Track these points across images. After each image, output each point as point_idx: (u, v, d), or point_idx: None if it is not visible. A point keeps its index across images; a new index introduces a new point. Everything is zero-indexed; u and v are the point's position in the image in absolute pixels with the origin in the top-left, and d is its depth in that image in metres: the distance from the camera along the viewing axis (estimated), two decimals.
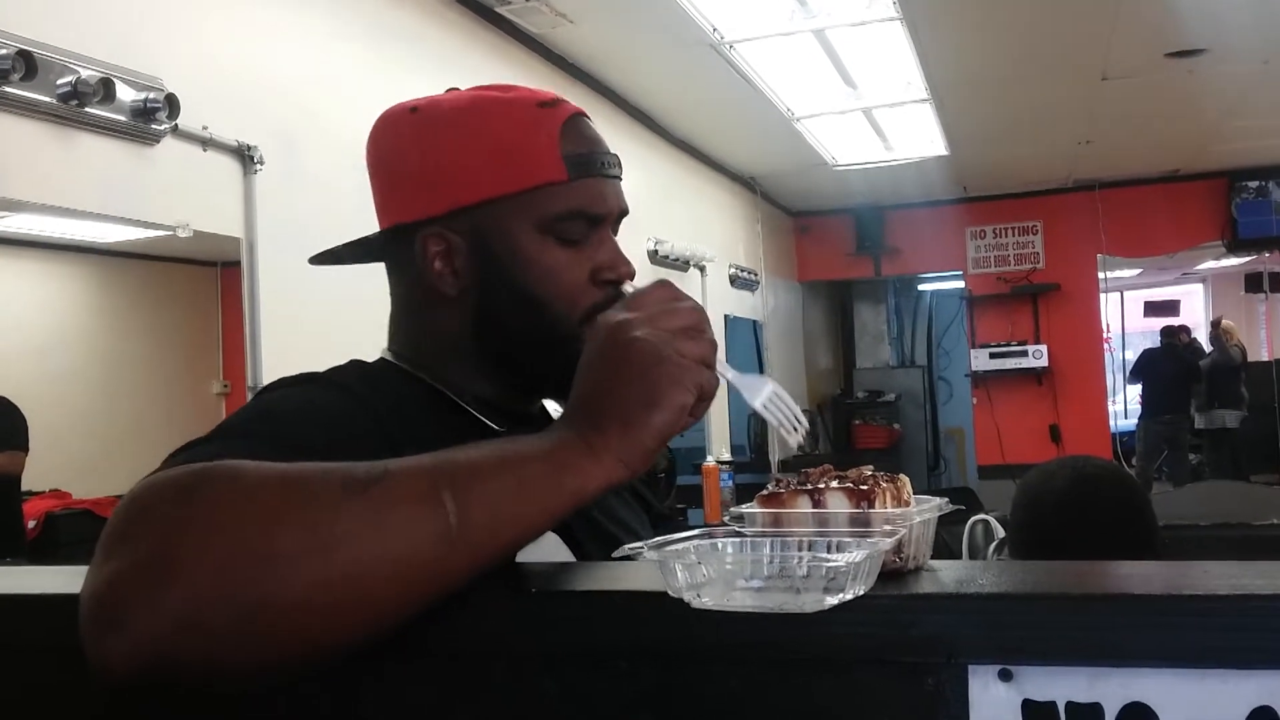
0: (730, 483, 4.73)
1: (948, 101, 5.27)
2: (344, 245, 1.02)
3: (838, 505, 0.73)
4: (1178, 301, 11.78)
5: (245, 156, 2.58)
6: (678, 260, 5.50)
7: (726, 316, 6.38)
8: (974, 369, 7.83)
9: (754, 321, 7.05)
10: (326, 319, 2.68)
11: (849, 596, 0.62)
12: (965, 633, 0.63)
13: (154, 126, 2.31)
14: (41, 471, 3.16)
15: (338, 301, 2.63)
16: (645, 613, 0.68)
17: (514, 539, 0.69)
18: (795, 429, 0.83)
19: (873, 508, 0.72)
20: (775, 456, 7.10)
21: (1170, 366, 8.59)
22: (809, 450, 7.69)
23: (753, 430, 6.95)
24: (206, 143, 2.48)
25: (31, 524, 3.25)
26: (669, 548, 0.68)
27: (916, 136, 5.93)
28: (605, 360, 0.74)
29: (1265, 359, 9.55)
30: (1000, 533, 4.71)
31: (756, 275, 6.94)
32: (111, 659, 0.59)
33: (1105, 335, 8.00)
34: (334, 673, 0.68)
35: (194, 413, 3.62)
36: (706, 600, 0.64)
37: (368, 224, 0.99)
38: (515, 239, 0.93)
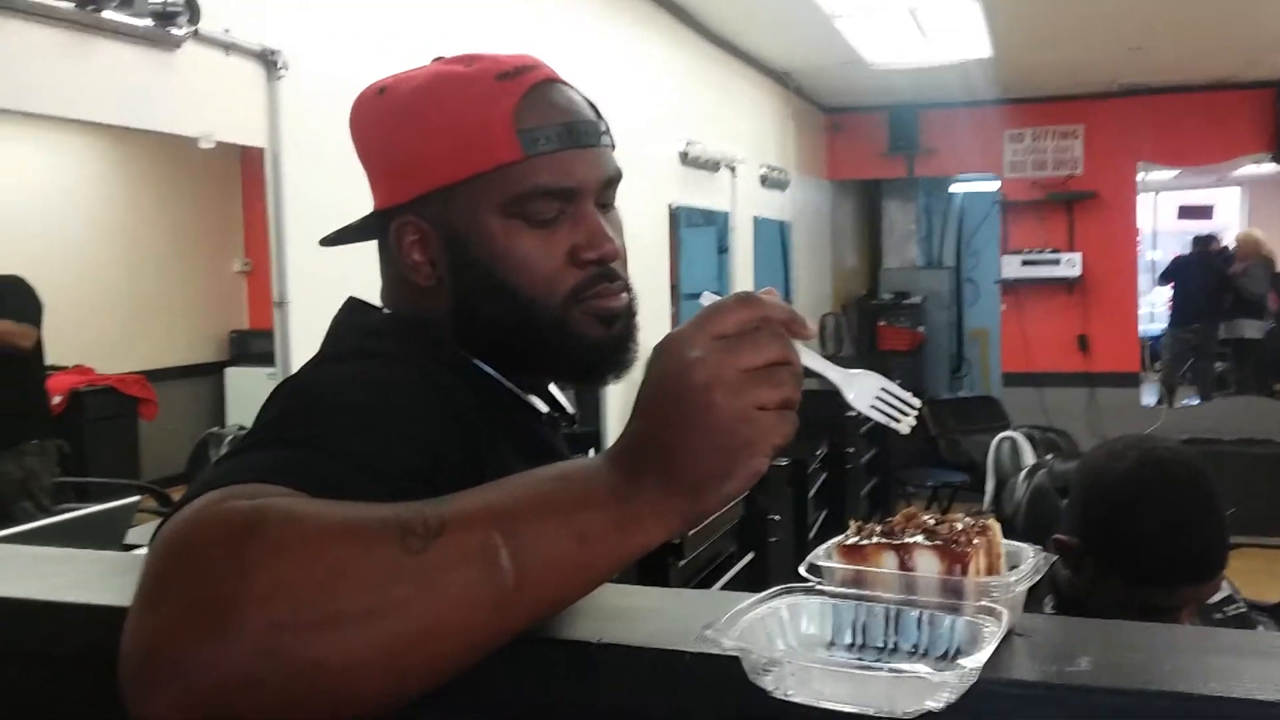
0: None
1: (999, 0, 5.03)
2: (349, 226, 0.98)
3: (928, 567, 0.68)
4: (1212, 206, 11.55)
5: (269, 62, 2.47)
6: (708, 162, 5.36)
7: (755, 218, 6.25)
8: (1004, 276, 7.70)
9: (782, 223, 6.92)
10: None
11: (954, 699, 0.57)
12: None
13: (174, 31, 2.20)
14: (65, 347, 3.16)
15: (358, 215, 2.56)
16: (718, 681, 0.63)
17: (572, 597, 0.67)
18: (907, 415, 0.75)
19: (966, 573, 0.67)
20: None
21: (1201, 275, 8.46)
22: (834, 352, 7.65)
23: None
24: (229, 48, 2.37)
25: (57, 400, 3.27)
26: (747, 619, 0.63)
27: (960, 36, 5.68)
28: (675, 409, 0.65)
29: None
30: (1028, 452, 4.69)
31: (786, 174, 6.78)
32: (158, 709, 0.56)
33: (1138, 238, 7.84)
34: None
35: (216, 289, 3.60)
36: (792, 693, 0.59)
37: None
38: (481, 226, 0.87)
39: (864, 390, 0.75)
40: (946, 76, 6.55)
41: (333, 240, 1.01)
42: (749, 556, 3.78)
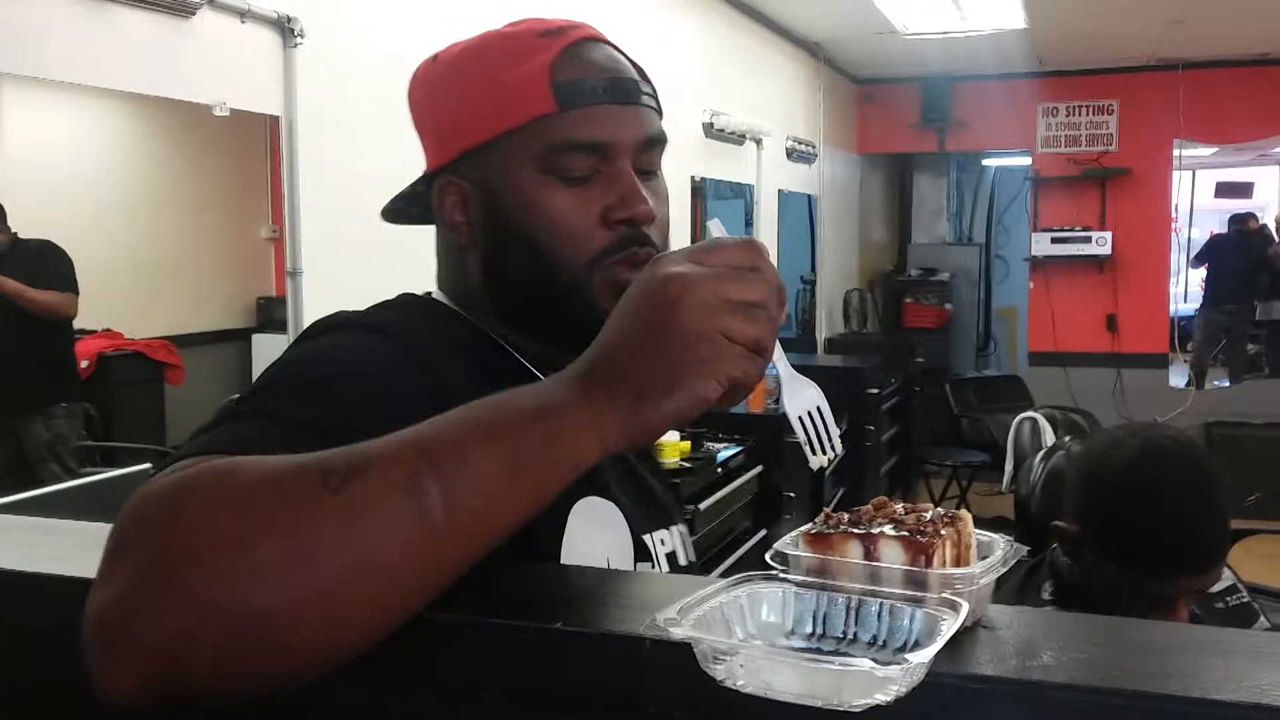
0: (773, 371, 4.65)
1: None
2: (402, 194, 0.98)
3: (893, 557, 0.67)
4: (1251, 184, 11.34)
5: (285, 29, 2.47)
6: (734, 134, 5.31)
7: (780, 191, 6.20)
8: (1034, 253, 7.60)
9: (809, 196, 6.86)
10: (369, 202, 2.61)
11: (903, 692, 0.56)
12: None
13: None
14: (94, 311, 3.19)
15: (380, 185, 2.56)
16: (674, 668, 0.63)
17: (508, 521, 0.64)
18: (823, 451, 0.76)
19: (931, 564, 0.66)
20: (822, 334, 7.02)
21: (1237, 255, 8.32)
22: (857, 328, 7.60)
23: (800, 305, 6.86)
24: (244, 14, 2.37)
25: (85, 364, 3.31)
26: (705, 608, 0.62)
27: (995, 5, 5.60)
28: (641, 312, 0.66)
29: None
30: (1048, 433, 4.64)
31: (814, 147, 6.71)
32: (115, 679, 0.57)
33: (1173, 216, 7.71)
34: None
35: (243, 256, 3.62)
36: (742, 683, 0.58)
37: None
38: (515, 181, 0.87)
39: (801, 399, 0.76)
40: (980, 47, 6.45)
41: (390, 214, 1.01)
42: (762, 533, 3.78)
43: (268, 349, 3.43)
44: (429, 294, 0.98)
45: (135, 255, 3.48)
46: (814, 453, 0.77)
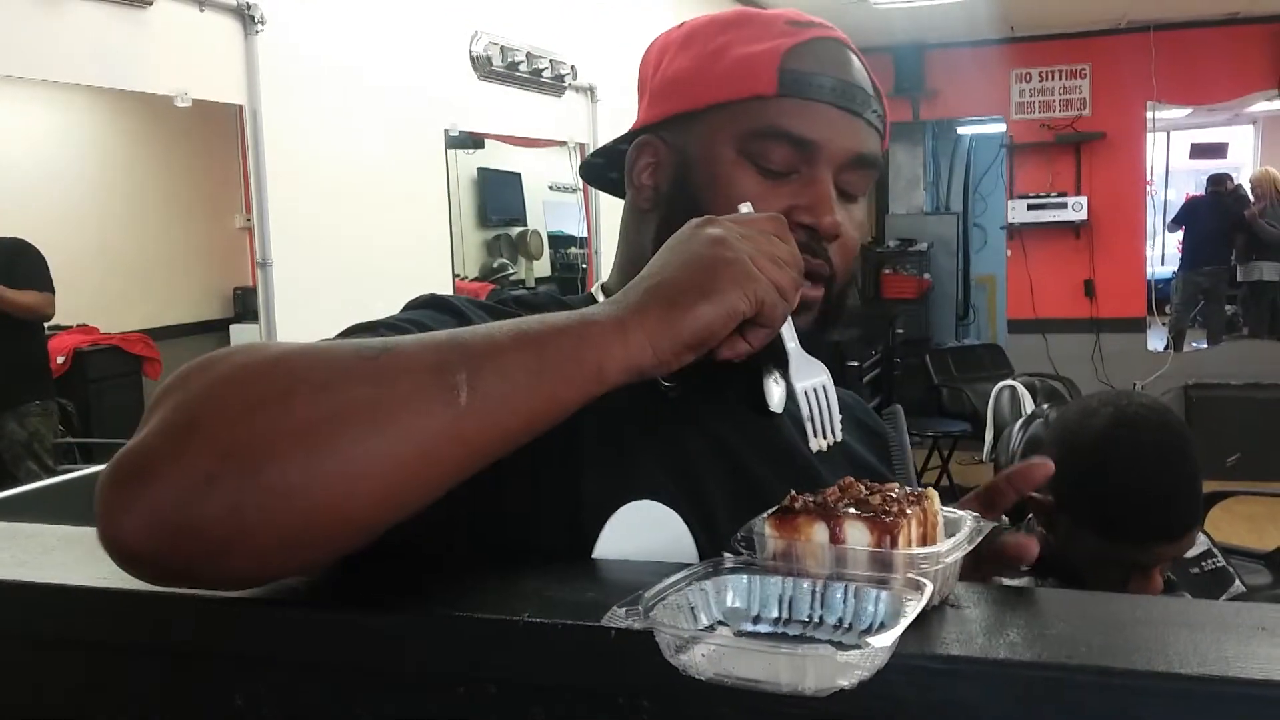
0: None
1: None
2: (598, 152, 0.98)
3: (858, 538, 0.66)
4: (1225, 144, 11.38)
5: (245, 16, 2.43)
6: None
7: None
8: (1011, 221, 7.62)
9: None
10: (339, 191, 2.59)
11: (866, 676, 0.56)
12: (993, 706, 0.58)
13: None
14: (68, 307, 3.17)
15: (341, 173, 2.54)
16: (640, 658, 0.62)
17: (532, 413, 0.65)
18: (824, 435, 0.76)
19: (896, 544, 0.66)
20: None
21: (1213, 217, 8.35)
22: None
23: None
24: (203, 3, 2.34)
25: (60, 359, 3.29)
26: (670, 596, 0.61)
27: None
28: (677, 246, 0.71)
29: None
30: (1027, 401, 4.66)
31: None
32: (125, 522, 0.57)
33: (1148, 179, 7.72)
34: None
35: (218, 246, 3.59)
36: (706, 672, 0.58)
37: (380, 89, 0.94)
38: (713, 155, 0.85)
39: (808, 377, 0.78)
40: (951, 14, 6.44)
41: (587, 170, 1.00)
42: None
43: (246, 339, 3.41)
44: (588, 292, 0.97)
45: (109, 249, 3.45)
46: (814, 434, 0.78)
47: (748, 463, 0.90)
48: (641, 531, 0.81)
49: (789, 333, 0.77)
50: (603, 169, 0.98)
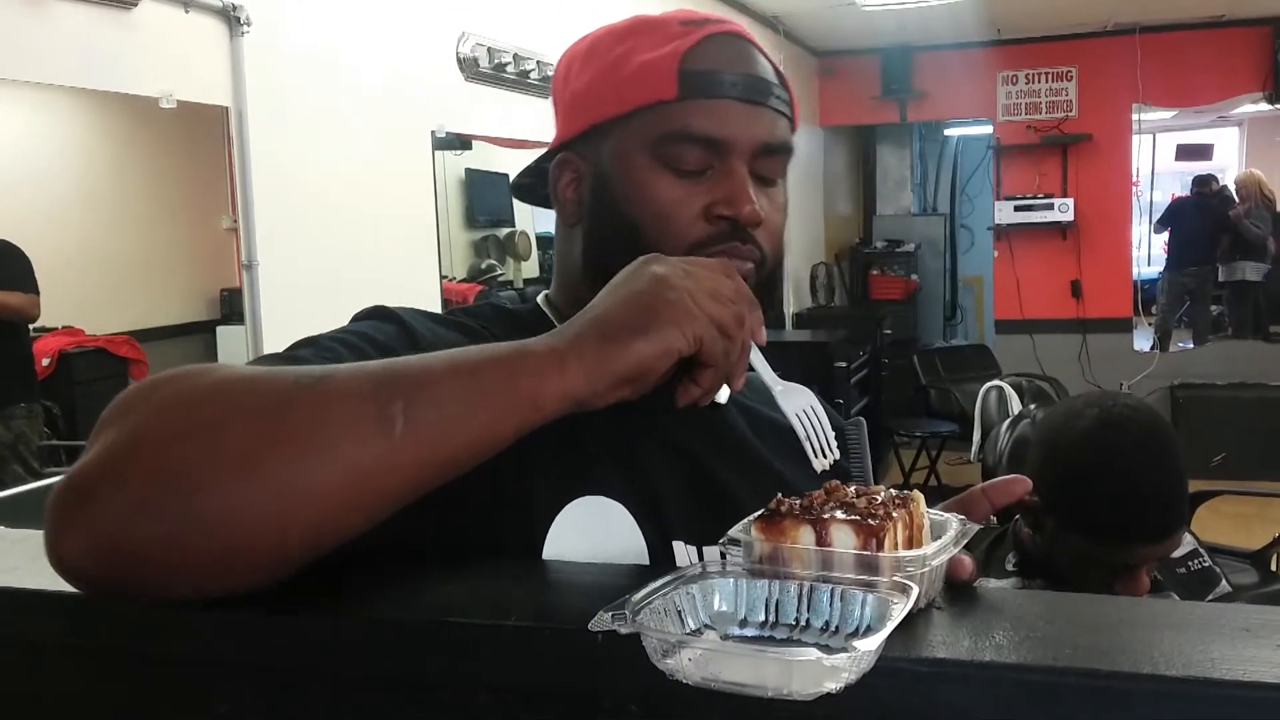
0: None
1: None
2: (525, 171, 0.98)
3: (844, 541, 0.66)
4: (1211, 146, 11.44)
5: (231, 18, 2.42)
6: None
7: None
8: (998, 222, 7.64)
9: None
10: (324, 192, 2.58)
11: (852, 679, 0.56)
12: (979, 709, 0.58)
13: None
14: (53, 309, 3.15)
15: (327, 174, 2.53)
16: (626, 662, 0.62)
17: (469, 442, 0.66)
18: (822, 454, 0.77)
19: (882, 547, 0.65)
20: (790, 309, 7.03)
21: (1199, 218, 8.39)
22: (825, 302, 7.62)
23: None
24: (188, 4, 2.33)
25: (45, 362, 3.26)
26: (657, 600, 0.61)
27: None
28: (622, 282, 0.72)
29: None
30: (1014, 401, 4.67)
31: None
32: (67, 540, 0.60)
33: (1134, 180, 7.76)
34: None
35: (204, 247, 3.58)
36: (692, 676, 0.57)
37: (366, 90, 0.95)
38: (628, 164, 0.86)
39: (796, 401, 0.80)
40: (937, 17, 6.46)
41: (517, 189, 1.01)
42: None
43: (233, 341, 3.39)
44: (533, 303, 0.97)
45: (94, 251, 3.43)
46: (815, 455, 0.80)
47: (698, 455, 0.90)
48: (590, 526, 0.82)
49: (762, 366, 0.78)
50: (534, 187, 0.99)
